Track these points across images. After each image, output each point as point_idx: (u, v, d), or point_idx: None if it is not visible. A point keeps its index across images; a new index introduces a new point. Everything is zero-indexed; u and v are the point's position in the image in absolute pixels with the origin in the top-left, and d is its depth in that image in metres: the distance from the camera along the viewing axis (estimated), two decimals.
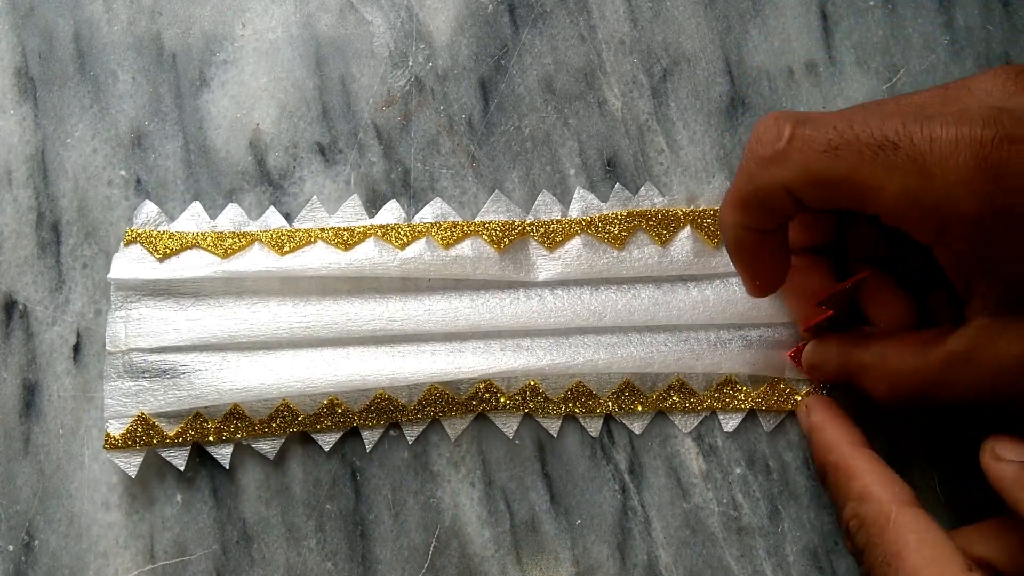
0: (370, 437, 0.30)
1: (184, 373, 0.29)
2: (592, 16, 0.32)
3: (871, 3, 0.32)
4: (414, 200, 0.31)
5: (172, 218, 0.31)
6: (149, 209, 0.31)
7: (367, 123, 0.32)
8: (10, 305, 0.31)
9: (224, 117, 0.32)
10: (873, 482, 0.25)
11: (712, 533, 0.29)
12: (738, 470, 0.30)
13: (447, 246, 0.30)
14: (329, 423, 0.29)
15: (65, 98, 0.32)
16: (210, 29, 0.32)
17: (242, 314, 0.30)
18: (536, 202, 0.31)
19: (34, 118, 0.32)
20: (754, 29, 0.32)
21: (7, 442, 0.30)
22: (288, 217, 0.31)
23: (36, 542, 0.30)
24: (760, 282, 0.27)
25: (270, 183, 0.31)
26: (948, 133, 0.22)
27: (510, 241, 0.30)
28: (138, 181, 0.31)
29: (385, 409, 0.29)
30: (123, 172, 0.32)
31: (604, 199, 0.31)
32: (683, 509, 0.30)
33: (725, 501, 0.30)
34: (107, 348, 0.29)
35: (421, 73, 0.32)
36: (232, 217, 0.31)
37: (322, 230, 0.30)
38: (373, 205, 0.31)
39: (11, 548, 0.30)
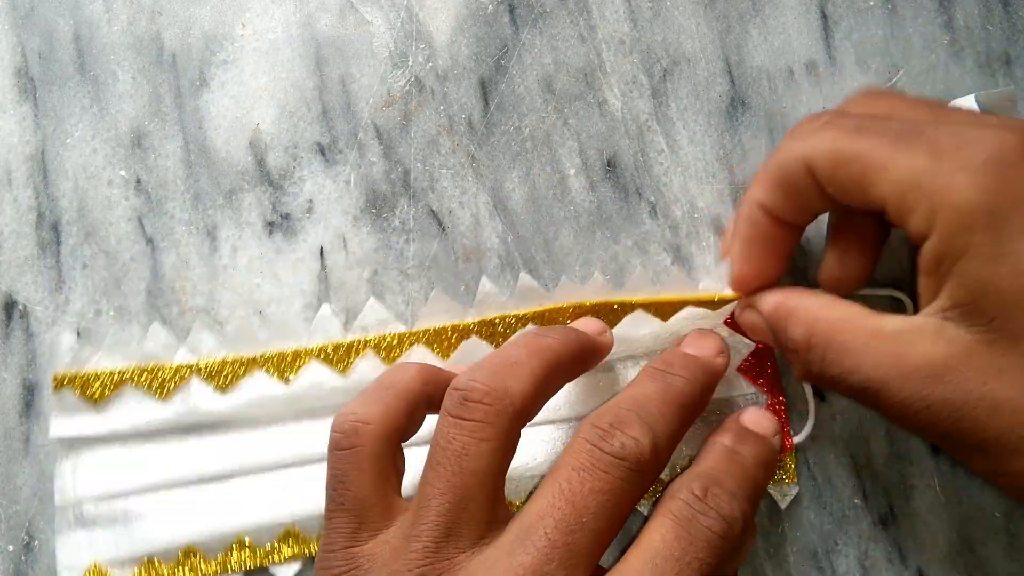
0: None
1: (136, 518, 0.29)
2: (592, 16, 0.32)
3: (871, 3, 0.32)
4: (414, 200, 0.31)
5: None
6: (67, 340, 0.30)
7: (367, 123, 0.32)
8: (10, 305, 0.31)
9: (224, 117, 0.32)
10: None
11: None
12: None
13: (389, 361, 0.29)
14: (288, 553, 0.29)
15: (65, 98, 0.32)
16: (210, 29, 0.32)
17: (191, 451, 0.29)
18: (478, 294, 0.30)
19: (34, 118, 0.32)
20: (754, 29, 0.32)
21: (7, 442, 0.30)
22: (287, 218, 0.31)
23: (36, 542, 0.30)
24: (748, 272, 0.27)
25: (270, 183, 0.31)
26: (975, 131, 0.21)
27: (454, 347, 0.29)
28: (138, 181, 0.31)
29: None
30: (123, 172, 0.32)
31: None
32: None
33: None
34: (56, 501, 0.29)
35: (421, 73, 0.32)
36: (160, 341, 0.30)
37: (260, 357, 0.29)
38: (373, 205, 0.31)
39: (11, 548, 0.30)
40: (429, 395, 0.26)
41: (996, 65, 0.32)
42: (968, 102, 0.31)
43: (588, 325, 0.28)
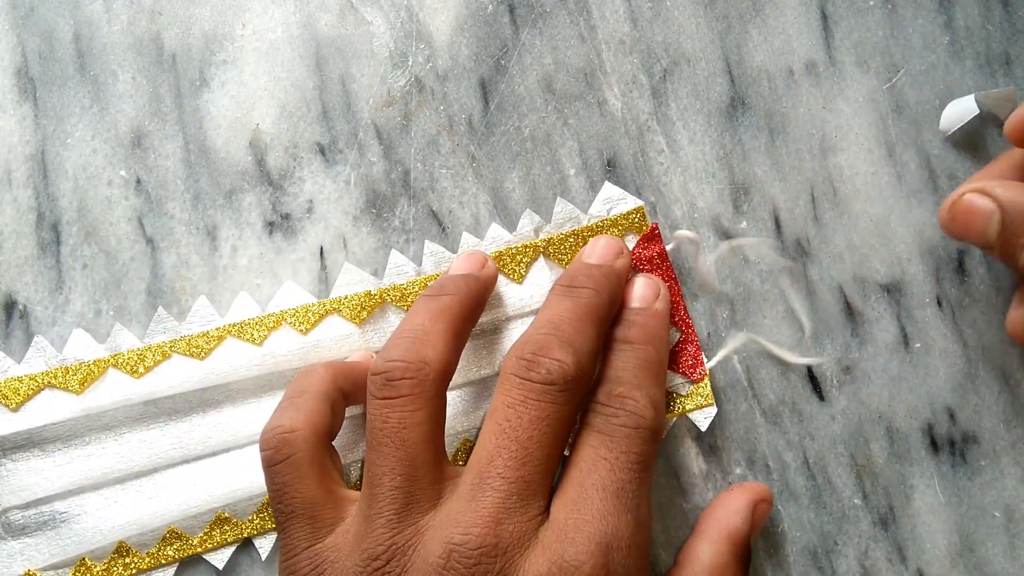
0: (263, 545, 0.29)
1: (65, 521, 0.29)
2: (592, 16, 0.32)
3: (871, 3, 0.32)
4: (414, 200, 0.31)
5: (17, 358, 0.30)
6: None
7: (367, 123, 0.32)
8: (10, 305, 0.31)
9: (224, 117, 0.32)
10: None
11: None
12: (738, 470, 0.30)
13: (306, 332, 0.30)
14: (220, 539, 0.29)
15: (65, 98, 0.32)
16: (210, 29, 0.32)
17: (111, 448, 0.29)
18: (388, 265, 0.30)
19: (34, 118, 0.32)
20: (754, 29, 0.32)
21: None
22: (287, 218, 0.31)
23: None
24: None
25: (270, 183, 0.31)
26: None
27: (368, 312, 0.30)
28: (138, 181, 0.31)
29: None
30: (123, 172, 0.32)
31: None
32: (683, 509, 0.30)
33: None
34: None
35: (421, 73, 0.32)
36: (81, 344, 0.30)
37: (174, 342, 0.29)
38: (373, 205, 0.31)
39: None
40: (342, 389, 0.27)
41: (996, 65, 0.32)
42: (967, 102, 0.31)
43: (468, 263, 0.29)
